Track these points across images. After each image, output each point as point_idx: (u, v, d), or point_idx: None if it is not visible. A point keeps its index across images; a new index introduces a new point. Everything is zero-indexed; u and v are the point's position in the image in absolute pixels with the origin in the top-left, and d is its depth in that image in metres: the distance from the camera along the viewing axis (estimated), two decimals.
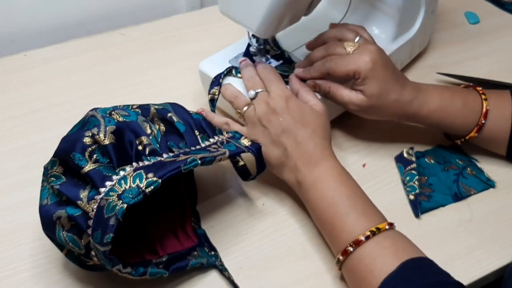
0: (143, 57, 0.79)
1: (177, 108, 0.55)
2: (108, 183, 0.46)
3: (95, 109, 0.52)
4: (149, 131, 0.50)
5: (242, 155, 0.56)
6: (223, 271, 0.52)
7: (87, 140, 0.47)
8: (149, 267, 0.49)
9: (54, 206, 0.47)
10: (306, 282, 0.53)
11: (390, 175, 0.63)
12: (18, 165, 0.63)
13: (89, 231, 0.45)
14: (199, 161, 0.48)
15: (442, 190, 0.61)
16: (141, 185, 0.45)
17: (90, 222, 0.45)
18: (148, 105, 0.54)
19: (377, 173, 0.63)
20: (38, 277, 0.53)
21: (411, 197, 0.59)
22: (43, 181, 0.50)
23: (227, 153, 0.51)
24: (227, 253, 0.55)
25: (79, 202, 0.46)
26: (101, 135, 0.47)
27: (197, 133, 0.54)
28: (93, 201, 0.46)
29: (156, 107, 0.54)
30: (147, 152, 0.49)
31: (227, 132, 0.57)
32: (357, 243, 0.48)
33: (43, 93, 0.73)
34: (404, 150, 0.64)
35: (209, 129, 0.55)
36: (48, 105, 0.71)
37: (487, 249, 0.55)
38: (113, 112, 0.51)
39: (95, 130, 0.48)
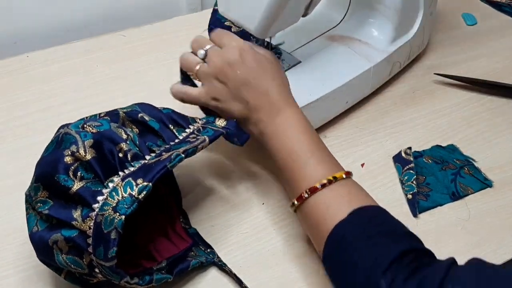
0: (144, 58, 0.80)
1: (145, 107, 0.54)
2: (99, 198, 0.45)
3: (65, 125, 0.50)
4: (125, 136, 0.49)
5: None
6: (222, 266, 0.53)
7: (68, 159, 0.46)
8: (154, 274, 0.49)
9: (47, 231, 0.46)
10: (305, 280, 0.53)
11: (389, 174, 0.63)
12: (21, 165, 0.64)
13: (90, 249, 0.45)
14: (183, 155, 0.48)
15: (440, 189, 0.61)
16: (134, 193, 0.45)
17: (89, 240, 0.44)
18: (116, 110, 0.53)
19: (375, 172, 0.64)
20: (39, 276, 0.53)
21: (409, 196, 0.60)
22: (27, 208, 0.49)
23: (207, 140, 0.51)
24: (227, 252, 0.55)
25: (74, 222, 0.45)
26: (81, 151, 0.46)
27: (172, 127, 0.53)
28: (88, 219, 0.45)
29: (125, 110, 0.53)
30: (129, 158, 0.48)
31: (200, 119, 0.56)
32: (313, 190, 0.48)
33: (45, 94, 0.74)
34: (402, 150, 0.65)
35: (182, 120, 0.54)
36: (50, 106, 0.72)
37: (484, 248, 0.56)
38: (85, 125, 0.49)
39: (73, 148, 0.46)
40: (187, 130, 0.53)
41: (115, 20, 0.91)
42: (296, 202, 0.50)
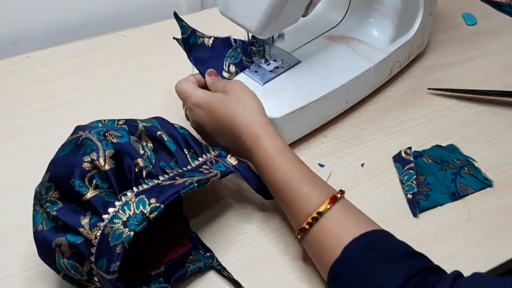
0: (144, 58, 0.80)
1: (163, 123, 0.55)
2: (111, 210, 0.45)
3: (83, 127, 0.50)
4: (142, 151, 0.50)
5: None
6: (221, 271, 0.53)
7: (86, 165, 0.46)
8: (152, 284, 0.49)
9: (52, 232, 0.46)
10: (305, 281, 0.53)
11: (389, 174, 0.63)
12: (21, 165, 0.64)
13: (92, 258, 0.45)
14: (196, 184, 0.48)
15: (440, 189, 0.61)
16: (145, 211, 0.45)
17: (93, 250, 0.45)
18: (135, 121, 0.53)
19: (375, 172, 0.64)
20: (40, 276, 0.53)
21: (409, 196, 0.60)
22: (35, 204, 0.49)
23: (219, 175, 0.51)
24: (227, 252, 0.55)
25: (80, 229, 0.45)
26: (101, 161, 0.46)
27: (186, 152, 0.53)
28: (96, 228, 0.45)
29: (144, 124, 0.53)
30: (144, 175, 0.48)
31: (213, 149, 0.56)
32: (311, 223, 0.48)
33: (45, 94, 0.74)
34: (402, 150, 0.65)
35: (197, 147, 0.55)
36: (50, 106, 0.72)
37: (484, 247, 0.56)
38: (107, 134, 0.49)
39: (94, 155, 0.46)
40: (200, 159, 0.54)
41: (115, 20, 0.91)
42: (299, 235, 0.50)
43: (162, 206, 0.46)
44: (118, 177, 0.47)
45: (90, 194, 0.45)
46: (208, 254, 0.54)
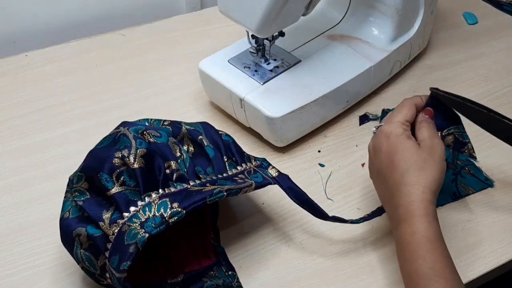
0: (143, 57, 0.80)
1: (208, 128, 0.54)
2: (132, 209, 0.45)
3: (127, 125, 0.50)
4: (178, 154, 0.50)
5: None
6: None
7: (116, 161, 0.46)
8: None
9: (76, 221, 0.46)
10: (305, 281, 0.53)
11: None
12: (19, 165, 0.64)
13: (107, 253, 0.45)
14: (225, 193, 0.47)
15: (441, 189, 0.61)
16: (165, 215, 0.45)
17: (109, 245, 0.45)
18: (180, 123, 0.53)
19: None
20: (39, 276, 0.53)
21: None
22: (67, 192, 0.49)
23: (253, 185, 0.50)
24: (227, 251, 0.55)
25: (100, 223, 0.45)
26: (131, 158, 0.46)
27: (225, 159, 0.52)
28: (115, 224, 0.45)
29: (188, 127, 0.53)
30: (174, 178, 0.48)
31: (255, 160, 0.55)
32: None
33: (44, 93, 0.74)
34: None
35: (238, 155, 0.54)
36: (49, 105, 0.72)
37: (485, 248, 0.56)
38: (145, 132, 0.49)
39: (125, 152, 0.46)
40: (239, 168, 0.53)
41: (115, 19, 0.91)
42: None
43: (184, 212, 0.45)
44: (146, 177, 0.46)
45: (115, 189, 0.45)
46: (230, 272, 0.53)
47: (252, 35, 0.64)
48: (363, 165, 0.64)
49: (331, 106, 0.67)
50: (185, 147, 0.51)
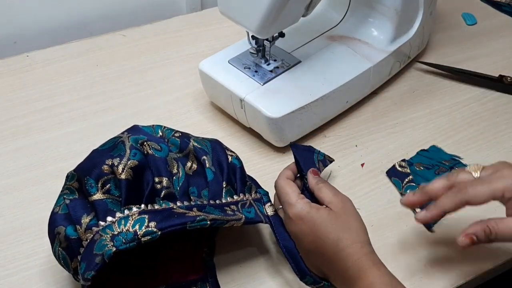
0: (144, 58, 0.80)
1: (217, 148, 0.52)
2: (109, 219, 0.44)
3: (133, 131, 0.49)
4: (174, 171, 0.48)
5: None
6: None
7: (105, 168, 0.46)
8: None
9: (62, 218, 0.46)
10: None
11: None
12: (20, 165, 0.64)
13: (79, 257, 0.44)
14: (209, 222, 0.46)
15: None
16: (139, 232, 0.43)
17: (82, 250, 0.44)
18: (189, 138, 0.52)
19: (375, 172, 0.64)
20: (40, 275, 0.53)
21: (418, 210, 0.56)
22: (62, 187, 0.49)
23: (243, 220, 0.48)
24: (227, 251, 0.55)
25: (78, 226, 0.45)
26: (120, 168, 0.45)
27: (224, 185, 0.50)
28: (90, 231, 0.44)
29: (195, 144, 0.51)
30: (162, 195, 0.47)
31: (256, 192, 0.53)
32: None
33: (45, 93, 0.74)
34: (396, 163, 0.64)
35: (240, 182, 0.52)
36: (50, 105, 0.72)
37: (484, 248, 0.55)
38: (145, 143, 0.48)
39: (116, 161, 0.46)
40: (235, 197, 0.51)
41: (115, 20, 0.91)
42: None
43: (159, 233, 0.43)
44: (131, 190, 0.45)
45: (97, 196, 0.45)
46: None
47: (252, 36, 0.64)
48: (362, 165, 0.65)
49: (331, 106, 0.67)
50: (189, 163, 0.50)
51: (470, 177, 0.50)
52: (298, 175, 0.56)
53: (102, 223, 0.44)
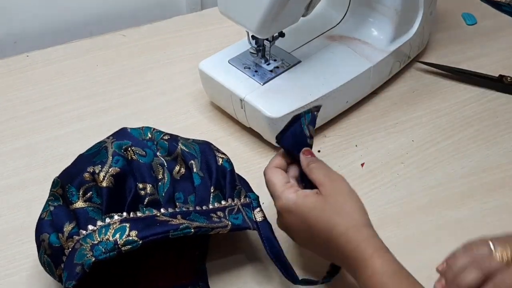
0: (144, 58, 0.80)
1: (206, 151, 0.50)
2: (90, 227, 0.44)
3: (118, 135, 0.48)
4: (160, 176, 0.48)
5: None
6: None
7: (86, 175, 0.45)
8: None
9: (47, 224, 0.46)
10: None
11: (389, 174, 0.63)
12: (21, 165, 0.64)
13: (62, 265, 0.44)
14: (193, 230, 0.45)
15: None
16: (119, 242, 0.42)
17: (64, 259, 0.44)
18: (177, 141, 0.50)
19: (375, 172, 0.64)
20: (40, 275, 0.53)
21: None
22: (49, 193, 0.49)
23: (229, 227, 0.47)
24: (227, 251, 0.55)
25: (60, 234, 0.44)
26: (101, 176, 0.45)
27: (212, 190, 0.49)
28: (71, 239, 0.44)
29: (183, 148, 0.50)
30: (145, 202, 0.46)
31: (245, 196, 0.51)
32: None
33: (45, 93, 0.74)
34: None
35: (230, 186, 0.50)
36: (50, 105, 0.72)
37: None
38: (129, 149, 0.47)
39: (97, 168, 0.45)
40: (223, 202, 0.49)
41: (115, 20, 0.91)
42: None
43: (140, 242, 0.42)
44: (112, 198, 0.45)
45: (78, 204, 0.44)
46: None
47: (252, 36, 0.64)
48: (362, 165, 0.65)
49: (331, 106, 0.67)
50: (177, 167, 0.49)
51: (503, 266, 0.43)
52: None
53: (83, 231, 0.44)
